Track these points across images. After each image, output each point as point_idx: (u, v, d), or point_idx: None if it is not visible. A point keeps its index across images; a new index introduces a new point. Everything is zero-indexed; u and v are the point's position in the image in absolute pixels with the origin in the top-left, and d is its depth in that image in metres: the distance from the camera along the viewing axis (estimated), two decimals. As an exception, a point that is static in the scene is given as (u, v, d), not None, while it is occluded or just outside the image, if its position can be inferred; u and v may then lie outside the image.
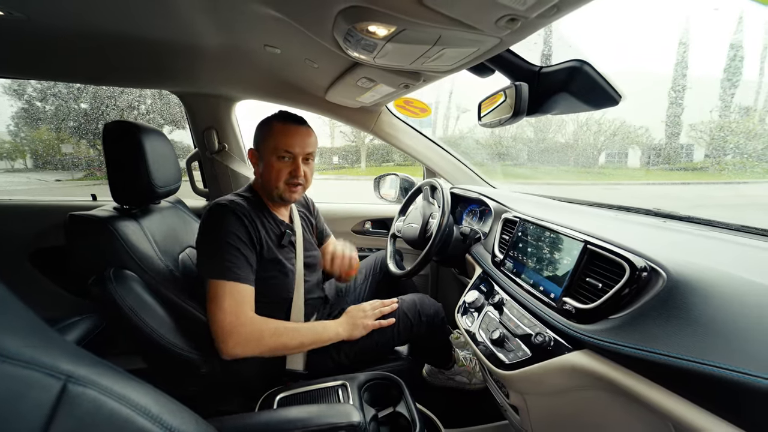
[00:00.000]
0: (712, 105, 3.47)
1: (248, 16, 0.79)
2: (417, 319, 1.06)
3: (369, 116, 1.45)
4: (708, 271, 0.53)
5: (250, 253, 0.89)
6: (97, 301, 0.77)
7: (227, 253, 0.85)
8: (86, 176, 4.40)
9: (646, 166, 5.32)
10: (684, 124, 4.17)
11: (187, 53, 1.04)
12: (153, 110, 3.31)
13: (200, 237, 0.91)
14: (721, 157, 3.49)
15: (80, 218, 0.83)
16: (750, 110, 3.83)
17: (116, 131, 0.89)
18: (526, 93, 0.68)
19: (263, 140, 0.96)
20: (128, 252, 0.84)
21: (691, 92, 4.09)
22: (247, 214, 0.91)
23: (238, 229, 0.88)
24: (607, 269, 0.65)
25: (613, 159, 5.77)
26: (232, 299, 0.83)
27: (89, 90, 3.18)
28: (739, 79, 3.34)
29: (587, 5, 0.47)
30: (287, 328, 0.90)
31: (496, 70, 0.79)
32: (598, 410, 0.66)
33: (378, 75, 0.90)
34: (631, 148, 5.41)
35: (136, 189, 0.92)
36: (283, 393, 0.84)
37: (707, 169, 3.84)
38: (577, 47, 0.81)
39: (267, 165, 0.96)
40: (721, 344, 0.45)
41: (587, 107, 0.69)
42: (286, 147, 0.94)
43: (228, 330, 0.81)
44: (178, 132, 3.02)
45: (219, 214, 0.89)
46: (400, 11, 0.54)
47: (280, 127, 0.95)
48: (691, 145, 4.34)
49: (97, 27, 0.88)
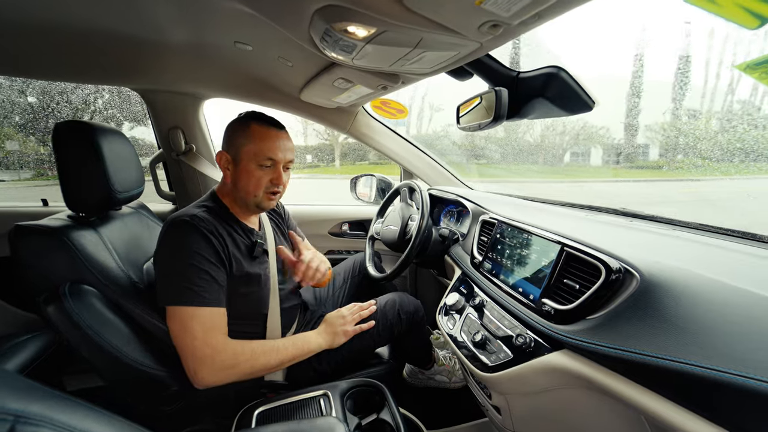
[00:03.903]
0: (665, 107, 3.72)
1: (217, 10, 0.74)
2: (396, 318, 1.05)
3: (345, 117, 1.42)
4: (677, 271, 0.56)
5: (219, 273, 0.82)
6: (51, 320, 0.70)
7: (193, 276, 0.77)
8: (35, 176, 4.05)
9: (607, 165, 5.62)
10: (641, 125, 4.44)
11: (150, 48, 0.96)
12: (112, 106, 3.10)
13: (160, 258, 0.82)
14: (673, 156, 3.76)
15: (28, 229, 0.74)
16: (697, 113, 4.15)
17: (68, 132, 0.81)
18: (506, 98, 0.68)
19: (239, 144, 0.88)
20: (85, 265, 0.76)
21: (646, 95, 4.36)
22: (212, 230, 0.83)
23: (203, 248, 0.80)
24: (584, 270, 0.67)
25: (578, 158, 6.08)
26: (201, 326, 0.76)
27: (37, 82, 2.91)
28: (688, 84, 3.60)
29: (565, 14, 0.47)
30: (264, 349, 0.85)
31: (474, 74, 0.79)
32: (577, 407, 0.68)
33: (356, 76, 0.87)
34: (593, 147, 5.71)
35: (93, 196, 0.84)
36: (262, 407, 0.80)
37: (662, 168, 4.13)
38: (540, 49, 0.82)
39: (245, 172, 0.88)
40: (691, 342, 0.47)
41: (563, 113, 0.71)
42: (269, 154, 0.87)
43: (199, 359, 0.75)
44: (141, 129, 2.84)
45: (180, 233, 0.81)
46: (381, 12, 0.52)
47: (261, 132, 0.88)
48: (647, 144, 4.64)
49: (49, 19, 0.79)
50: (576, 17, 0.51)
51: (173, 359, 0.78)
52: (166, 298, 0.77)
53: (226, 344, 0.79)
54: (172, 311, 0.77)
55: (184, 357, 0.76)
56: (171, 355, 0.79)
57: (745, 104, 2.90)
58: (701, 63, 3.25)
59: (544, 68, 0.68)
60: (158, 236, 0.84)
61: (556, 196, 1.23)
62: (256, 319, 0.94)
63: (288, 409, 0.81)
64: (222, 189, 0.95)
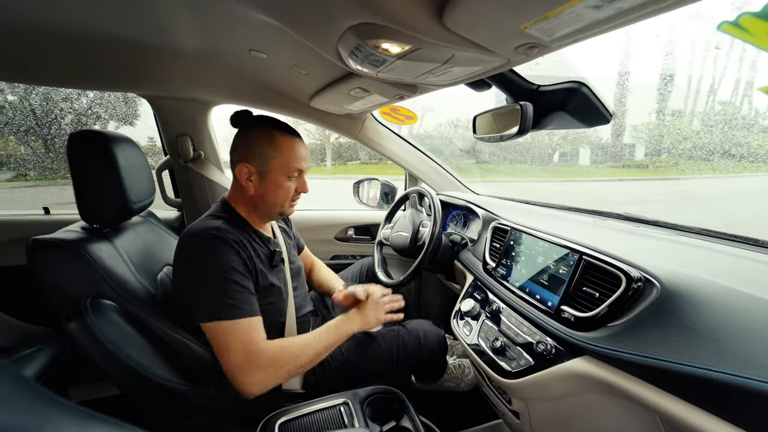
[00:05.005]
0: (651, 108, 3.83)
1: (237, 19, 0.73)
2: (418, 354, 1.05)
3: (354, 123, 1.42)
4: (696, 279, 0.59)
5: (250, 283, 0.82)
6: (73, 336, 0.68)
7: (228, 289, 0.77)
8: (15, 177, 3.90)
9: (595, 164, 5.75)
10: (627, 125, 4.57)
11: (160, 55, 0.94)
12: (96, 103, 3.00)
13: (188, 274, 0.80)
14: (657, 155, 3.88)
15: (46, 243, 0.72)
16: (681, 114, 4.28)
17: (83, 142, 0.79)
18: (531, 113, 0.70)
19: (267, 156, 0.85)
20: (104, 278, 0.75)
21: (632, 95, 4.49)
22: (238, 241, 0.82)
23: (233, 260, 0.79)
24: (603, 279, 0.70)
25: (566, 157, 6.19)
26: (241, 338, 0.76)
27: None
28: (672, 85, 3.72)
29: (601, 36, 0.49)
30: (300, 344, 0.85)
31: (493, 85, 0.81)
32: (597, 411, 0.70)
33: (374, 86, 0.88)
34: (581, 147, 5.82)
35: (109, 207, 0.82)
36: (283, 417, 0.80)
37: (647, 167, 4.25)
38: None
39: (274, 184, 0.87)
40: (715, 349, 0.49)
41: (581, 125, 0.73)
42: (298, 166, 0.88)
43: (245, 370, 0.76)
44: (127, 129, 2.76)
45: (208, 246, 0.79)
46: (417, 30, 0.53)
47: (289, 143, 0.87)
48: (633, 144, 4.77)
49: (57, 24, 0.76)
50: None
51: (196, 373, 0.78)
52: (203, 316, 0.76)
53: (266, 349, 0.79)
54: (211, 327, 0.76)
55: (229, 369, 0.76)
56: (193, 369, 0.78)
57: (725, 105, 3.01)
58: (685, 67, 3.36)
59: (566, 83, 0.70)
60: (179, 249, 0.82)
61: (550, 197, 1.27)
62: (275, 329, 0.94)
63: (309, 418, 0.81)
64: (235, 198, 0.93)
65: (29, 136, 3.39)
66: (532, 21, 0.43)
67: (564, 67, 0.85)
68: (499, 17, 0.44)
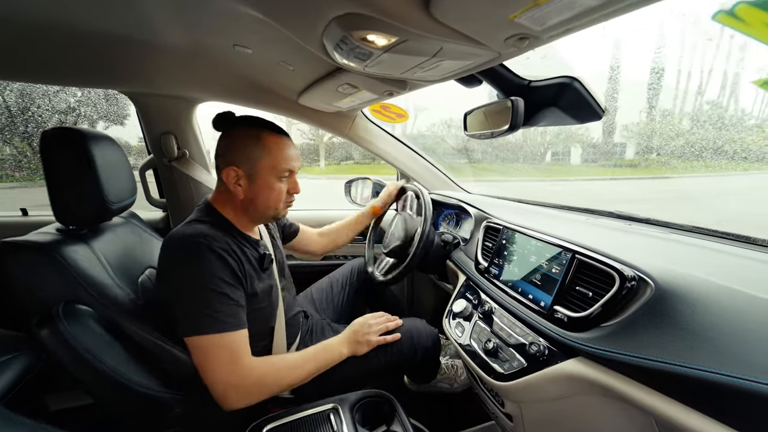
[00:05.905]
0: (641, 107, 3.88)
1: (219, 12, 0.70)
2: (412, 353, 1.04)
3: (344, 121, 1.40)
4: (690, 278, 0.57)
5: (238, 293, 0.78)
6: (45, 344, 0.65)
7: (214, 302, 0.72)
8: None
9: (586, 163, 5.80)
10: (618, 125, 4.62)
11: (142, 50, 0.91)
12: (84, 103, 2.93)
13: (173, 285, 0.75)
14: (647, 154, 3.92)
15: (17, 246, 0.69)
16: (671, 113, 4.34)
17: (56, 140, 0.75)
18: (522, 108, 0.68)
19: (255, 158, 0.81)
20: (80, 282, 0.71)
21: (624, 94, 4.54)
22: (227, 248, 0.77)
23: (221, 270, 0.75)
24: (596, 278, 0.68)
25: (558, 157, 6.23)
26: (225, 352, 0.73)
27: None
28: (661, 85, 3.76)
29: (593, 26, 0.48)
30: (289, 364, 0.83)
31: (483, 81, 0.79)
32: (591, 413, 0.69)
33: (362, 82, 0.86)
34: (573, 146, 5.87)
35: (85, 208, 0.78)
36: (271, 424, 0.78)
37: (638, 166, 4.30)
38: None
39: (265, 187, 0.83)
40: (710, 349, 0.48)
41: (573, 121, 0.72)
42: (288, 166, 0.84)
43: (227, 385, 0.73)
44: (115, 129, 2.70)
45: (194, 256, 0.74)
46: (405, 22, 0.51)
47: (277, 142, 0.83)
48: (624, 143, 4.82)
49: (34, 18, 0.73)
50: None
51: (177, 381, 0.75)
52: (187, 330, 0.73)
53: (252, 366, 0.76)
54: (194, 341, 0.72)
55: (211, 384, 0.72)
56: (175, 376, 0.75)
57: (713, 105, 3.05)
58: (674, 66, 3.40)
59: (558, 78, 0.69)
60: (163, 255, 0.77)
61: (543, 198, 1.26)
62: (264, 334, 0.91)
63: (297, 424, 0.78)
64: (220, 201, 0.87)
65: (13, 136, 3.30)
66: (521, 9, 0.41)
67: (555, 63, 0.84)
68: (487, 6, 0.42)
